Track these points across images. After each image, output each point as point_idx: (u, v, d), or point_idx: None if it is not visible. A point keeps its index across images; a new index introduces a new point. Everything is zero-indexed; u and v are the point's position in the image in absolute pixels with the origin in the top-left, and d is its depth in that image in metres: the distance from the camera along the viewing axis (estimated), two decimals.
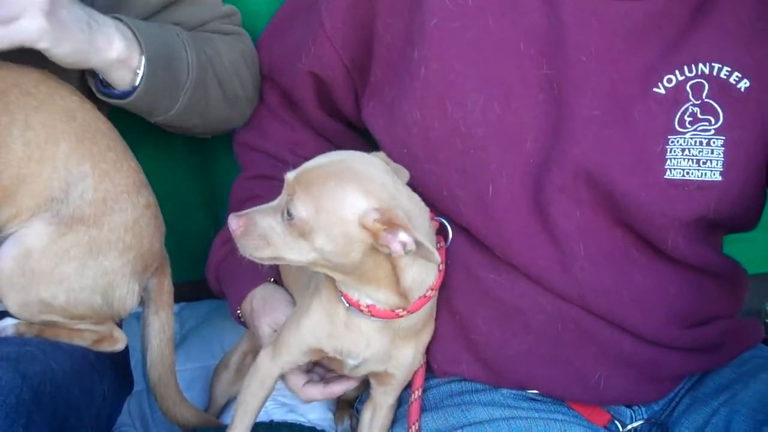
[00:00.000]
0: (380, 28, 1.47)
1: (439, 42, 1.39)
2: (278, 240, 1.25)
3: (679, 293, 1.42)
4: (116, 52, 1.38)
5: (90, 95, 1.47)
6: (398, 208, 1.22)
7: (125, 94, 1.43)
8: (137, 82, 1.42)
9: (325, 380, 1.49)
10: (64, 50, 1.31)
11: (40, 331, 1.39)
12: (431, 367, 1.48)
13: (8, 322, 1.39)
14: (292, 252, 1.25)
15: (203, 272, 1.71)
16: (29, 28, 1.26)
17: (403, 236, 1.20)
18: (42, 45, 1.29)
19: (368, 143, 1.64)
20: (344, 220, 1.21)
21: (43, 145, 1.36)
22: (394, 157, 1.46)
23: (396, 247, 1.21)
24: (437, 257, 1.24)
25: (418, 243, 1.19)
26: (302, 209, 1.22)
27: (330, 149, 1.59)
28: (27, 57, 1.36)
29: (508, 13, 1.39)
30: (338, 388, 1.48)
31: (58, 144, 1.37)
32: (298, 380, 1.47)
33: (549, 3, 1.38)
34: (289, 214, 1.22)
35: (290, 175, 1.27)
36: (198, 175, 1.91)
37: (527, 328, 1.42)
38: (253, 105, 1.67)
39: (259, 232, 1.26)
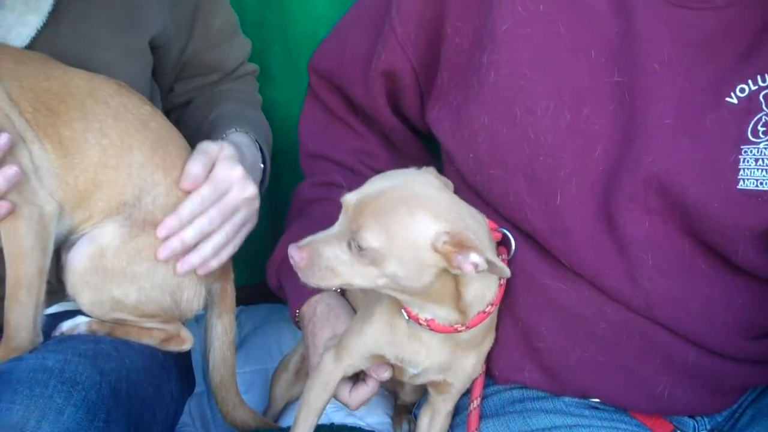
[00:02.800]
0: (449, 31, 1.48)
1: (510, 47, 1.40)
2: (345, 269, 1.24)
3: (745, 304, 1.41)
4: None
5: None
6: (467, 228, 1.22)
7: None
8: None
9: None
10: None
11: (112, 329, 1.44)
12: (492, 374, 1.49)
13: (81, 319, 1.44)
14: (360, 279, 1.25)
15: (259, 276, 1.73)
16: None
17: (474, 257, 1.20)
18: None
19: (432, 150, 1.66)
20: (417, 246, 1.21)
21: (118, 152, 1.41)
22: (459, 160, 1.48)
23: (468, 268, 1.21)
24: (508, 272, 1.25)
25: (489, 262, 1.20)
26: (373, 239, 1.21)
27: (399, 159, 1.64)
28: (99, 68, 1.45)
29: (580, 19, 1.40)
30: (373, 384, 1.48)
31: (133, 152, 1.42)
32: (344, 387, 1.48)
33: (621, 11, 1.38)
34: (358, 245, 1.21)
35: (350, 200, 1.26)
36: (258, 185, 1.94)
37: (591, 336, 1.42)
38: None
39: (325, 264, 1.24)
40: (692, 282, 1.40)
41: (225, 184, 1.46)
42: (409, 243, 1.22)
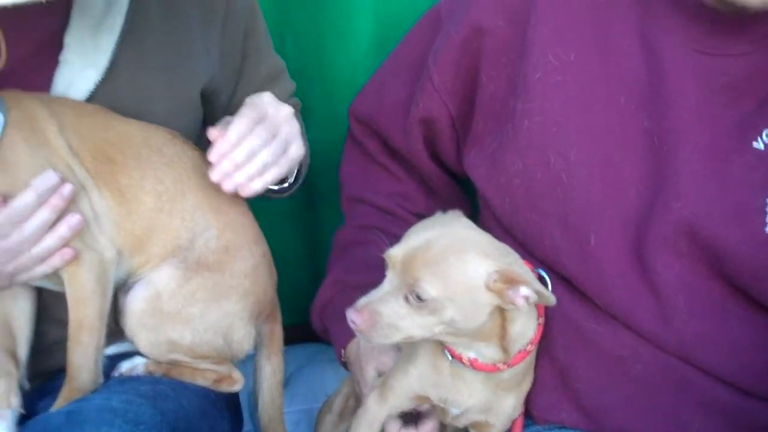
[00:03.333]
0: (484, 80, 1.56)
1: (543, 95, 1.47)
2: (406, 323, 1.29)
3: None
4: None
5: None
6: (512, 264, 1.29)
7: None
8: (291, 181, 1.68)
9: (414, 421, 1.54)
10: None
11: (168, 369, 1.50)
12: (531, 414, 1.53)
13: (139, 360, 1.50)
14: (419, 330, 1.29)
15: (303, 317, 1.79)
16: (298, 153, 1.54)
17: (524, 290, 1.27)
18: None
19: (468, 193, 1.73)
20: (472, 288, 1.27)
21: (172, 198, 1.49)
22: (495, 204, 1.54)
23: (520, 302, 1.28)
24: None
25: (537, 292, 1.27)
26: (431, 289, 1.26)
27: (435, 202, 1.69)
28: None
29: (609, 67, 1.46)
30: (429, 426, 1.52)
31: (186, 197, 1.50)
32: (393, 427, 1.52)
33: (649, 59, 1.45)
34: (417, 297, 1.26)
35: (396, 254, 1.30)
36: (300, 227, 2.04)
37: (627, 376, 1.46)
38: None
39: (386, 322, 1.28)
40: (724, 323, 1.44)
41: (262, 106, 1.51)
42: (465, 287, 1.28)
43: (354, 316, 1.29)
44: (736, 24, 1.40)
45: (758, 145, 1.41)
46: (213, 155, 1.43)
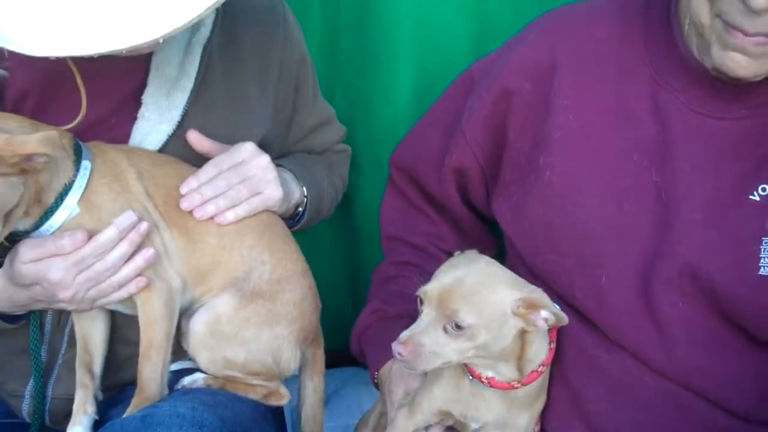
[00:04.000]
0: (511, 137, 1.70)
1: (563, 151, 1.61)
2: (446, 350, 1.43)
3: None
4: (296, 198, 1.77)
5: None
6: (532, 292, 1.46)
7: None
8: (299, 216, 1.82)
9: None
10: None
11: (224, 384, 1.65)
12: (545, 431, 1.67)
13: (199, 375, 1.66)
14: (457, 355, 1.45)
15: (344, 343, 1.94)
16: (274, 195, 1.68)
17: (543, 313, 1.45)
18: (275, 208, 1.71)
19: (495, 233, 1.88)
20: (502, 314, 1.45)
21: (232, 237, 1.64)
22: (519, 246, 1.69)
23: (541, 323, 1.45)
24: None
25: (555, 314, 1.45)
26: (468, 318, 1.42)
27: (465, 241, 1.83)
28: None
29: (624, 127, 1.59)
30: None
31: (245, 237, 1.65)
32: None
33: (659, 121, 1.58)
34: (457, 326, 1.42)
35: (432, 291, 1.44)
36: (343, 262, 2.17)
37: (633, 401, 1.58)
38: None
39: (429, 350, 1.42)
40: (722, 355, 1.55)
41: (239, 154, 1.65)
42: (496, 314, 1.45)
43: (400, 348, 1.42)
44: (735, 91, 1.53)
45: (754, 197, 1.53)
46: (183, 188, 1.61)
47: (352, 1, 2.13)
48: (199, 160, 1.67)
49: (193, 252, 1.62)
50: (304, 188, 1.81)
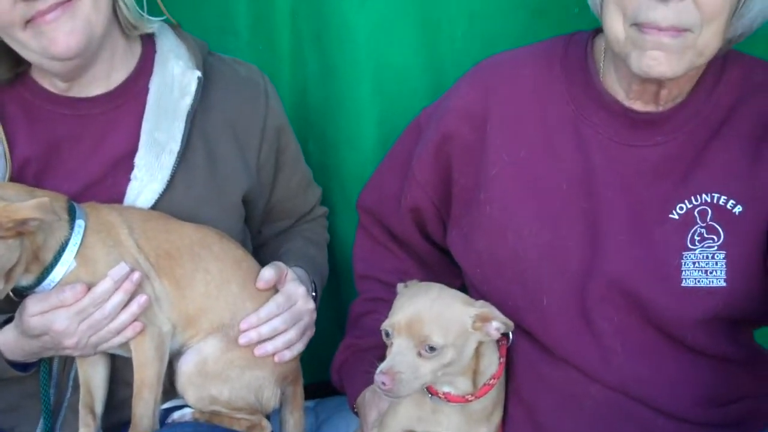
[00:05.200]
0: (456, 176, 1.85)
1: (500, 186, 1.75)
2: (422, 371, 1.58)
3: (703, 379, 1.69)
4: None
5: None
6: (483, 306, 1.62)
7: None
8: None
9: None
10: None
11: (210, 417, 1.79)
12: None
13: (187, 410, 1.81)
14: (430, 376, 1.59)
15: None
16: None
17: (495, 323, 1.62)
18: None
19: (456, 266, 1.97)
20: (463, 330, 1.61)
21: (218, 286, 1.77)
22: (470, 275, 1.83)
23: (494, 333, 1.62)
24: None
25: (503, 322, 1.61)
26: (440, 339, 1.57)
27: (430, 274, 1.98)
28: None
29: (552, 160, 1.74)
30: None
31: (230, 285, 1.79)
32: None
33: (583, 152, 1.72)
34: (430, 348, 1.56)
35: (399, 322, 1.59)
36: (325, 297, 2.18)
37: (580, 410, 1.72)
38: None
39: (408, 377, 1.56)
40: (657, 362, 1.69)
41: (294, 296, 1.85)
42: (459, 331, 1.61)
43: (383, 378, 1.55)
44: (649, 120, 1.68)
45: (674, 216, 1.68)
46: (243, 324, 1.78)
47: (317, 60, 2.27)
48: (188, 214, 1.83)
49: (182, 299, 1.75)
50: (315, 283, 2.01)
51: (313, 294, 1.97)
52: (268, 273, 1.82)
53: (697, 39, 1.56)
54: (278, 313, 1.82)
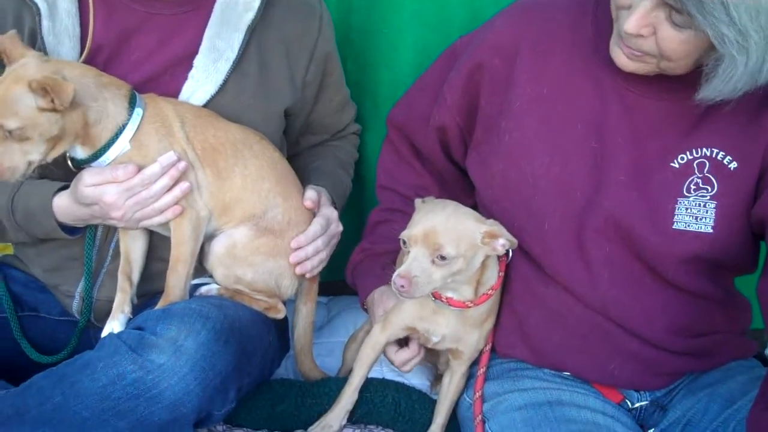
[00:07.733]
0: (483, 103, 1.96)
1: (520, 118, 1.88)
2: (434, 277, 1.73)
3: (679, 311, 1.85)
4: None
5: None
6: (493, 224, 1.77)
7: None
8: None
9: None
10: None
11: (233, 294, 1.98)
12: (495, 349, 1.99)
13: (214, 286, 2.00)
14: (441, 281, 1.75)
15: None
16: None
17: (501, 240, 1.77)
18: None
19: (471, 185, 2.11)
20: (473, 244, 1.76)
21: (254, 181, 1.95)
22: (482, 195, 1.97)
23: (500, 249, 1.77)
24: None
25: (509, 240, 1.76)
26: (452, 250, 1.72)
27: (446, 192, 2.11)
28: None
29: (570, 100, 1.85)
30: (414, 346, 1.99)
31: (264, 182, 1.96)
32: (392, 348, 1.99)
33: (600, 96, 1.83)
34: (442, 257, 1.71)
35: (416, 233, 1.73)
36: (348, 204, 2.37)
37: (565, 327, 1.89)
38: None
39: (423, 281, 1.72)
40: (638, 292, 1.84)
41: (330, 219, 2.05)
42: (469, 244, 1.76)
43: (400, 282, 1.70)
44: (664, 76, 1.74)
45: (674, 165, 1.80)
46: (294, 243, 1.99)
47: None
48: (235, 117, 1.99)
49: (221, 189, 1.92)
50: (336, 204, 2.17)
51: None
52: (312, 193, 2.03)
53: (659, 63, 1.68)
54: (321, 234, 2.02)
